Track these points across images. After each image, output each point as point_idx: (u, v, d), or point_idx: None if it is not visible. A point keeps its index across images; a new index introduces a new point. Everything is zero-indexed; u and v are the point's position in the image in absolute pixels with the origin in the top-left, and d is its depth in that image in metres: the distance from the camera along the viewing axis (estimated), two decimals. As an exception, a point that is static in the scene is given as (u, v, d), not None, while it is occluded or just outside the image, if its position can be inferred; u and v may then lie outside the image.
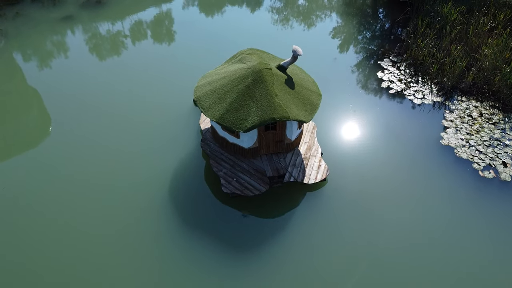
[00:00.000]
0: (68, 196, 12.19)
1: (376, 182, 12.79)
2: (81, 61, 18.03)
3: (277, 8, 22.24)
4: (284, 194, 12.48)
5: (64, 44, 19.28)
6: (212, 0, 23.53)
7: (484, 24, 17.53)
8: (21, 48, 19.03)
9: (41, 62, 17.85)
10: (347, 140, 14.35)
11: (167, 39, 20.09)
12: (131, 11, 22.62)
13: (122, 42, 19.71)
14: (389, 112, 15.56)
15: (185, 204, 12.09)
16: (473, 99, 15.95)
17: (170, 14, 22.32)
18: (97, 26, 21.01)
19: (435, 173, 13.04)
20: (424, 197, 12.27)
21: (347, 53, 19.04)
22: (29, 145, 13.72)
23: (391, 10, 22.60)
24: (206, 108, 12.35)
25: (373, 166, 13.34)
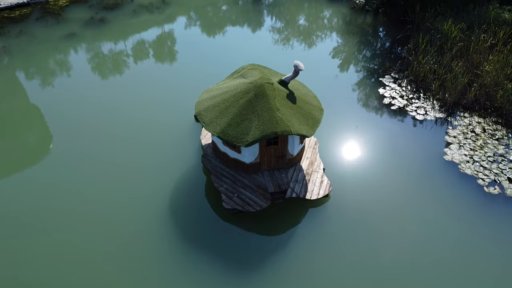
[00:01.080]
0: (68, 212, 11.98)
1: (379, 198, 12.57)
2: (83, 80, 18.06)
3: (277, 28, 22.44)
4: (286, 210, 12.25)
5: (66, 63, 19.37)
6: (214, 21, 23.76)
7: (485, 40, 17.61)
8: (24, 66, 19.12)
9: (43, 81, 17.88)
10: (350, 155, 14.20)
11: (169, 58, 20.22)
12: (133, 30, 22.85)
13: (124, 61, 19.83)
14: (391, 128, 15.45)
15: (185, 220, 11.86)
16: (475, 115, 15.86)
17: (172, 34, 22.53)
18: (100, 45, 21.18)
19: (439, 189, 12.83)
20: (429, 214, 12.03)
21: (348, 70, 19.09)
22: (30, 162, 13.59)
23: (391, 28, 22.79)
24: (207, 122, 12.26)
25: (376, 182, 13.15)
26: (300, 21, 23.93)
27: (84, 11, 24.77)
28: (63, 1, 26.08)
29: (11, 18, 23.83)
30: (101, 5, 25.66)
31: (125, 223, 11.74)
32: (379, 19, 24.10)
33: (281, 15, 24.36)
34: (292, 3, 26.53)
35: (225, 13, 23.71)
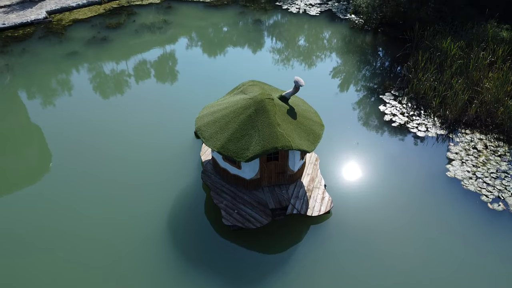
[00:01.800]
0: (68, 230, 11.78)
1: (381, 216, 12.37)
2: (84, 99, 18.09)
3: (278, 48, 22.62)
4: (287, 226, 12.04)
5: (68, 82, 19.45)
6: (215, 41, 23.98)
7: (484, 58, 17.70)
8: (26, 84, 19.19)
9: (44, 99, 17.90)
10: (351, 172, 14.05)
11: (170, 77, 20.33)
12: (135, 49, 23.06)
13: (125, 80, 19.93)
14: (393, 145, 15.36)
15: (185, 237, 11.64)
16: (477, 132, 15.79)
17: (173, 55, 22.73)
18: (101, 64, 21.33)
19: (443, 206, 12.63)
20: (433, 232, 11.80)
21: (348, 89, 19.13)
22: (30, 179, 13.46)
23: (391, 47, 22.98)
24: (207, 138, 12.18)
25: (378, 199, 12.96)
26: (300, 42, 24.15)
27: (87, 31, 25.07)
28: (66, 21, 26.43)
29: (14, 37, 24.10)
30: (104, 24, 25.98)
31: (125, 239, 11.52)
32: (379, 39, 24.33)
33: (281, 36, 24.62)
34: (292, 24, 26.85)
35: (226, 34, 23.98)
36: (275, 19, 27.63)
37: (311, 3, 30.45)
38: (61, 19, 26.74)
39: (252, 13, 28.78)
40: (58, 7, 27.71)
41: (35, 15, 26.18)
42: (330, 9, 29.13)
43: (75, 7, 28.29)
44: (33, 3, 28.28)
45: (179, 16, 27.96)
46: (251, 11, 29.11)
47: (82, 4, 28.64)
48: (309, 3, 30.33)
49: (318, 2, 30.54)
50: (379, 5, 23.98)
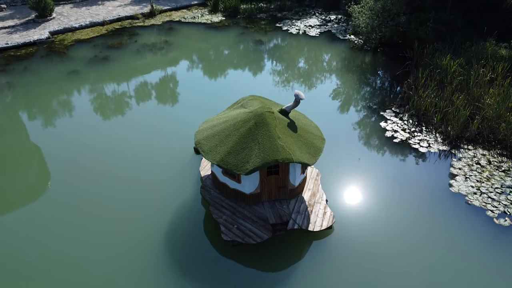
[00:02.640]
0: (66, 248, 11.44)
1: (384, 231, 12.04)
2: (84, 118, 17.89)
3: (278, 70, 22.70)
4: (288, 242, 11.70)
5: (68, 101, 19.37)
6: (215, 63, 24.10)
7: (484, 74, 17.72)
8: (27, 103, 19.11)
9: (44, 119, 17.76)
10: (353, 188, 13.80)
11: (170, 96, 20.36)
12: (135, 68, 23.17)
13: (125, 99, 19.94)
14: (395, 161, 15.16)
15: (183, 253, 11.29)
16: (479, 148, 15.61)
17: (174, 76, 22.83)
18: (102, 82, 21.37)
19: (448, 221, 12.32)
20: (439, 247, 11.45)
21: (349, 106, 19.09)
22: (28, 199, 13.10)
23: (390, 66, 23.09)
24: (207, 151, 12.00)
25: (381, 214, 12.67)
26: (300, 63, 24.30)
27: (89, 50, 25.30)
28: (69, 41, 26.71)
29: (16, 56, 24.29)
30: (105, 44, 26.25)
31: (124, 256, 11.17)
32: (378, 58, 24.50)
33: (281, 57, 24.78)
34: (292, 45, 27.13)
35: (226, 55, 24.12)
36: (275, 40, 27.94)
37: (310, 24, 30.87)
38: (63, 39, 27.04)
39: (252, 34, 29.14)
40: (61, 28, 28.08)
41: (38, 35, 26.48)
42: (330, 30, 29.51)
43: (77, 27, 28.68)
44: (36, 24, 28.67)
45: (180, 37, 28.29)
46: (252, 33, 29.48)
47: (84, 25, 29.05)
48: (309, 25, 30.76)
49: (318, 24, 30.97)
50: (378, 25, 24.26)
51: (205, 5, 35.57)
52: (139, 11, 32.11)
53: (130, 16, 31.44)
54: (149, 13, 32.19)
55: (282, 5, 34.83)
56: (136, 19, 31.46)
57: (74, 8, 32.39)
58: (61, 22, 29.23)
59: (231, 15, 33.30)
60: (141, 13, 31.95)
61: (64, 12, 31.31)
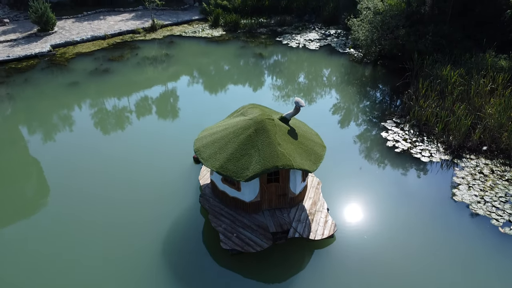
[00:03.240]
0: (64, 261, 11.17)
1: (388, 241, 11.77)
2: (84, 131, 17.44)
3: (278, 85, 22.64)
4: (289, 251, 11.42)
5: (68, 117, 19.07)
6: (215, 76, 24.11)
7: (485, 84, 17.68)
8: (26, 116, 18.91)
9: (44, 132, 17.44)
10: (354, 197, 13.58)
11: (169, 107, 20.32)
12: (136, 81, 23.17)
13: (125, 111, 19.88)
14: (397, 170, 14.98)
15: (181, 263, 11.01)
16: (482, 157, 15.44)
17: (175, 91, 22.82)
18: (101, 95, 21.32)
19: (452, 229, 12.07)
20: (444, 257, 11.17)
21: (350, 117, 19.01)
22: (26, 213, 12.69)
23: (390, 78, 23.11)
24: (206, 158, 11.84)
25: (384, 224, 12.42)
26: (300, 76, 24.34)
27: (89, 63, 25.39)
28: (70, 54, 26.85)
29: (17, 68, 24.37)
30: (106, 57, 26.37)
31: (122, 266, 10.90)
32: (378, 71, 24.55)
33: (281, 71, 24.76)
34: (292, 60, 27.26)
35: (227, 69, 24.09)
36: (275, 54, 28.08)
37: (310, 38, 31.10)
38: (64, 52, 27.19)
39: (252, 48, 29.32)
40: (63, 41, 28.28)
41: (39, 48, 26.64)
42: (329, 44, 29.70)
43: (79, 41, 28.89)
44: (38, 38, 28.89)
45: (180, 50, 28.46)
46: (252, 47, 29.67)
47: (86, 39, 29.27)
48: (309, 39, 30.98)
49: (317, 38, 31.20)
50: (378, 38, 24.40)
51: (205, 20, 35.92)
52: (141, 26, 32.41)
53: (131, 31, 31.71)
54: (150, 28, 32.47)
55: (282, 20, 35.16)
56: (137, 33, 31.72)
57: (76, 23, 32.69)
58: (63, 35, 29.46)
59: (231, 29, 33.59)
60: (142, 27, 32.23)
61: (66, 26, 31.60)
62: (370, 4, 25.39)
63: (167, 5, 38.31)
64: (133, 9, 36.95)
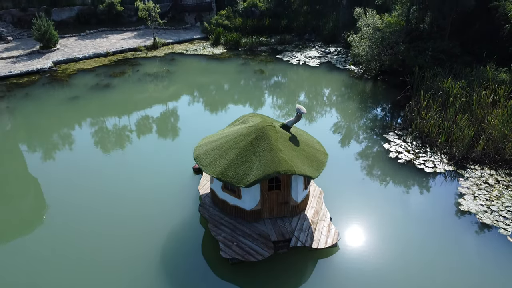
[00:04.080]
0: (60, 277, 10.81)
1: (393, 251, 11.39)
2: (83, 148, 16.89)
3: (278, 104, 22.55)
4: (291, 260, 11.03)
5: (68, 129, 18.86)
6: (216, 92, 24.08)
7: (487, 96, 17.60)
8: (26, 131, 18.61)
9: (43, 148, 17.00)
10: (357, 207, 13.26)
11: (169, 121, 20.22)
12: (137, 96, 23.13)
13: (126, 127, 19.75)
14: (400, 180, 14.70)
15: (180, 274, 10.62)
16: (486, 168, 15.18)
17: (175, 103, 22.75)
18: (102, 109, 21.20)
19: (459, 238, 11.71)
20: (452, 266, 10.78)
21: (351, 130, 18.85)
22: (22, 231, 12.16)
23: (391, 92, 23.07)
24: (206, 165, 11.61)
25: (389, 234, 12.06)
26: (301, 91, 24.33)
27: (90, 78, 25.46)
28: (71, 70, 26.97)
29: (19, 84, 24.40)
30: (108, 73, 26.47)
31: (122, 277, 10.52)
32: (378, 86, 24.56)
33: (282, 89, 24.68)
34: (292, 76, 27.37)
35: (227, 84, 24.02)
36: (276, 71, 28.19)
37: (310, 56, 31.32)
38: (66, 69, 27.32)
39: (253, 64, 29.49)
40: (64, 58, 28.47)
41: (41, 65, 26.79)
42: (329, 61, 29.88)
43: (81, 58, 29.09)
44: (40, 55, 29.10)
45: (181, 66, 28.63)
46: (252, 63, 29.85)
47: (88, 56, 29.49)
48: (309, 56, 31.20)
49: (318, 55, 31.43)
50: (378, 53, 24.53)
51: (207, 39, 36.31)
52: (142, 44, 32.72)
53: (133, 48, 31.99)
54: (152, 46, 32.77)
55: (283, 39, 35.53)
56: (139, 51, 31.98)
57: (79, 41, 33.03)
58: (65, 53, 29.69)
59: (232, 48, 33.90)
60: (144, 45, 32.53)
61: (69, 44, 31.90)
62: (369, 21, 25.64)
63: (168, 24, 38.83)
64: (135, 28, 37.41)
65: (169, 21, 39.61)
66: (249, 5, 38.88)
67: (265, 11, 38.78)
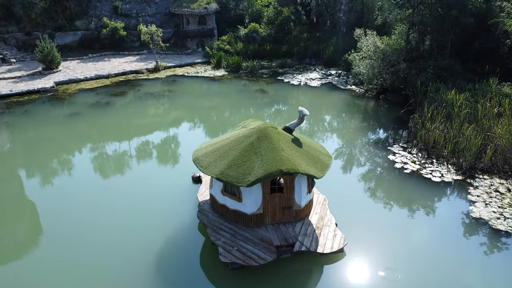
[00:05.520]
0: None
1: (404, 258, 10.73)
2: (81, 164, 16.43)
3: (278, 121, 22.20)
4: (295, 266, 10.36)
5: (68, 148, 18.13)
6: (218, 125, 23.77)
7: (492, 106, 17.31)
8: (23, 147, 18.20)
9: (42, 172, 16.10)
10: (364, 215, 12.69)
11: (169, 134, 19.92)
12: (137, 113, 22.90)
13: (124, 147, 19.40)
14: (407, 189, 14.16)
15: (176, 283, 9.95)
16: (496, 177, 14.67)
17: (176, 121, 22.47)
18: (102, 124, 20.89)
19: (472, 246, 11.08)
20: (465, 273, 10.11)
21: (354, 144, 18.44)
22: (16, 255, 11.18)
23: (393, 110, 22.83)
24: (205, 166, 11.16)
25: (397, 240, 11.43)
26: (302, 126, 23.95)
27: (91, 97, 25.36)
28: (72, 90, 26.94)
29: (19, 101, 24.28)
30: (109, 93, 26.41)
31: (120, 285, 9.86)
32: (380, 104, 24.36)
33: (283, 110, 24.42)
34: (294, 95, 27.27)
35: (229, 117, 23.67)
36: (277, 90, 28.12)
37: (311, 77, 31.39)
38: (67, 88, 27.29)
39: (254, 85, 29.51)
40: (66, 79, 28.52)
41: (42, 84, 26.79)
42: (331, 82, 29.88)
43: (82, 79, 29.14)
44: (42, 75, 29.19)
45: (183, 87, 28.65)
46: (254, 84, 29.88)
47: (89, 77, 29.56)
48: (310, 78, 31.27)
49: (318, 77, 31.50)
50: (379, 71, 24.49)
51: (208, 63, 36.58)
52: (144, 67, 32.91)
53: (134, 71, 32.13)
54: (154, 69, 32.94)
55: (283, 63, 35.78)
56: (140, 73, 32.11)
57: (81, 63, 33.26)
58: (67, 74, 29.79)
59: (233, 70, 34.05)
60: (146, 68, 32.71)
61: (71, 66, 32.09)
62: (370, 40, 25.80)
63: (171, 50, 39.26)
64: (138, 53, 37.80)
65: (172, 46, 40.08)
66: (250, 31, 39.45)
67: (266, 37, 39.27)
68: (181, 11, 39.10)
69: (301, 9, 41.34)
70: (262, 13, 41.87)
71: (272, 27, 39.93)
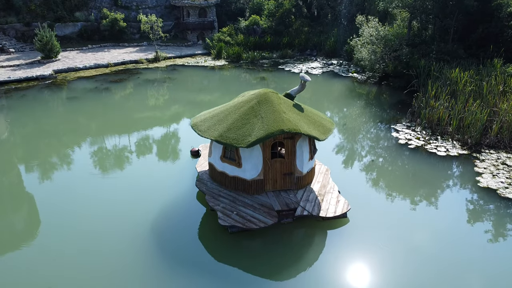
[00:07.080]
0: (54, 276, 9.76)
1: (410, 222, 10.37)
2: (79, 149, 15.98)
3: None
4: (297, 230, 9.99)
5: (65, 142, 17.57)
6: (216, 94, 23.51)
7: (498, 83, 16.96)
8: (20, 128, 17.90)
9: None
10: (368, 185, 12.34)
11: (168, 119, 19.58)
12: (136, 97, 22.59)
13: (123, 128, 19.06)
14: (412, 162, 13.80)
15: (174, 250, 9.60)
16: (502, 152, 14.29)
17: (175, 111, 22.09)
18: (100, 108, 20.52)
19: (479, 214, 10.68)
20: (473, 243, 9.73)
21: (358, 124, 18.05)
22: (13, 246, 10.74)
23: (396, 94, 22.50)
24: (204, 130, 10.83)
25: (403, 207, 11.06)
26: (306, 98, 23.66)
27: (90, 84, 25.07)
28: (71, 78, 26.66)
29: (17, 88, 23.99)
30: (107, 80, 26.12)
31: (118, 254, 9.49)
32: (383, 90, 24.02)
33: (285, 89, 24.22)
34: (295, 85, 26.88)
35: (229, 88, 23.46)
36: (277, 78, 27.82)
37: (312, 66, 31.10)
38: (66, 76, 27.02)
39: (255, 73, 29.24)
40: (65, 67, 28.25)
41: (41, 72, 26.52)
42: (332, 70, 29.59)
43: (81, 68, 28.87)
44: (41, 64, 28.93)
45: (182, 75, 28.34)
46: (254, 72, 29.60)
47: (89, 66, 29.29)
48: (311, 67, 30.97)
49: (320, 66, 31.20)
50: (381, 56, 24.17)
51: (208, 54, 36.32)
52: (144, 57, 32.66)
53: (134, 61, 31.87)
54: (154, 59, 32.67)
55: (284, 53, 35.50)
56: (140, 63, 31.85)
57: (80, 53, 33.02)
58: (66, 63, 29.54)
59: (234, 61, 33.79)
60: (145, 58, 32.45)
61: (70, 56, 31.86)
62: (371, 26, 25.48)
63: (171, 41, 39.04)
64: (137, 44, 37.57)
65: (172, 39, 39.87)
66: (251, 23, 39.20)
67: (266, 29, 39.01)
68: (182, 3, 38.89)
69: (301, 3, 41.07)
70: (263, 5, 41.66)
71: (273, 19, 39.66)
